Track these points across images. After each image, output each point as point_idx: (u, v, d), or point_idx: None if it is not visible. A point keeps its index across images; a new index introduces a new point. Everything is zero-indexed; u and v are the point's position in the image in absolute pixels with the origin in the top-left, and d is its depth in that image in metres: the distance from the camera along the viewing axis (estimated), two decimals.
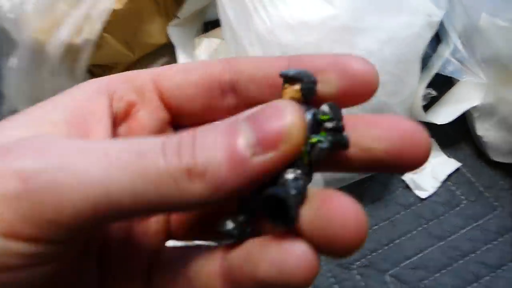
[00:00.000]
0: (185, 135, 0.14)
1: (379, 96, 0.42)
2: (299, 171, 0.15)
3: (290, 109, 0.14)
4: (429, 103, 0.50)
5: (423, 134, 0.15)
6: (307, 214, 0.14)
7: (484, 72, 0.45)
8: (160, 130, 0.19)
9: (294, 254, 0.14)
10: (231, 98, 0.18)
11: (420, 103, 0.47)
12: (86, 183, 0.13)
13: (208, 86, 0.18)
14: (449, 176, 0.47)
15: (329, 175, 0.46)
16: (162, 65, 0.48)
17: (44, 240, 0.13)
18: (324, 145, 0.15)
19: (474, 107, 0.47)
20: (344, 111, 0.16)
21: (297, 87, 0.16)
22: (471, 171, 0.47)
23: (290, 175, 0.14)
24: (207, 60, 0.20)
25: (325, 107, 0.16)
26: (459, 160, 0.48)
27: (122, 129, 0.18)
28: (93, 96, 0.17)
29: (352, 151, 0.16)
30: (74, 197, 0.13)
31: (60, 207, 0.13)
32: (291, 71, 0.16)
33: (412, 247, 0.44)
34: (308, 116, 0.15)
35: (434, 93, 0.51)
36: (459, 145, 0.49)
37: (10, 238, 0.13)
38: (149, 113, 0.18)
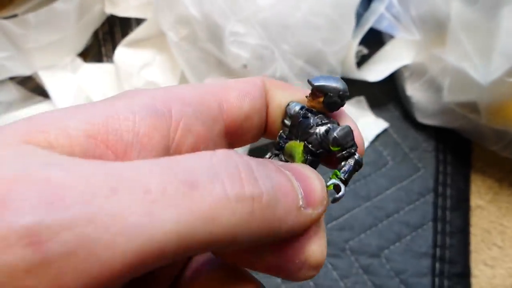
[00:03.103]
0: (240, 161, 0.13)
1: (315, 43, 0.39)
2: None
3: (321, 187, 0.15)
4: (359, 62, 0.48)
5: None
6: None
7: (418, 29, 0.44)
8: None
9: None
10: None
11: (353, 59, 0.45)
12: (124, 237, 0.10)
13: (263, 109, 0.17)
14: (377, 136, 0.46)
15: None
16: None
17: None
18: (341, 193, 0.16)
19: (405, 66, 0.45)
20: None
21: (320, 99, 0.16)
22: (397, 132, 0.47)
23: None
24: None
25: (337, 133, 0.16)
26: (386, 121, 0.47)
27: None
28: (146, 114, 0.14)
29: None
30: (109, 256, 0.10)
31: (92, 273, 0.10)
32: (317, 81, 0.16)
33: (339, 208, 0.42)
34: (322, 129, 0.16)
35: (365, 51, 0.49)
36: (387, 106, 0.48)
37: None
38: (210, 146, 0.16)
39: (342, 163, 0.16)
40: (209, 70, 0.39)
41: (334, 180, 0.16)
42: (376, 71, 0.45)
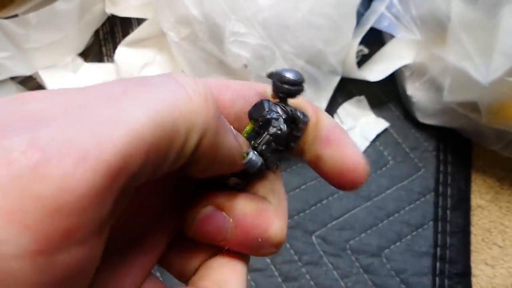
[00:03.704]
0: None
1: (316, 43, 0.39)
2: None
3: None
4: (360, 61, 0.48)
5: (366, 171, 0.17)
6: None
7: (419, 29, 0.44)
8: None
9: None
10: None
11: (354, 58, 0.45)
12: (106, 135, 0.11)
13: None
14: (378, 136, 0.46)
15: None
16: None
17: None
18: (246, 160, 0.16)
19: (406, 66, 0.45)
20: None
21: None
22: (397, 132, 0.47)
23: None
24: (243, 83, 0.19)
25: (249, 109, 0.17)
26: (386, 121, 0.47)
27: None
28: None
29: (306, 154, 0.18)
30: (100, 153, 0.11)
31: (93, 171, 0.11)
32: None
33: (339, 208, 0.42)
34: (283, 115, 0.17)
35: (366, 50, 0.49)
36: (387, 106, 0.48)
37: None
38: None
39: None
40: (210, 70, 0.39)
41: (247, 150, 0.17)
42: (376, 71, 0.45)
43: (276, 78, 0.17)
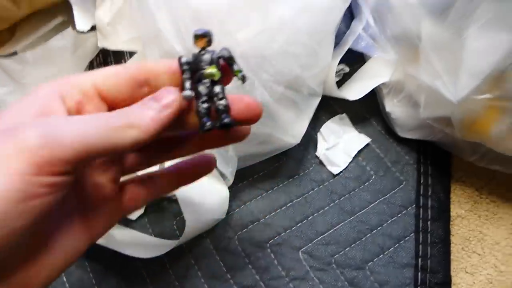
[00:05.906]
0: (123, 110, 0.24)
1: (294, 69, 0.41)
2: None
3: (174, 91, 0.25)
4: (342, 79, 0.51)
5: (259, 106, 0.28)
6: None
7: (394, 48, 0.46)
8: None
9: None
10: (146, 88, 0.27)
11: (333, 78, 0.47)
12: (79, 136, 0.21)
13: (130, 84, 0.26)
14: (360, 151, 0.48)
15: (243, 151, 0.44)
16: (55, 26, 0.49)
17: (58, 173, 0.20)
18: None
19: (383, 84, 0.47)
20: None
21: (205, 40, 0.26)
22: (379, 147, 0.49)
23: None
24: (126, 65, 0.27)
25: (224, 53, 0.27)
26: (369, 136, 0.49)
27: None
28: (51, 100, 0.23)
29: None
30: (74, 144, 0.20)
31: (66, 150, 0.20)
32: (200, 31, 0.26)
33: (324, 223, 0.44)
34: (214, 55, 0.27)
35: (347, 69, 0.51)
36: (369, 122, 0.50)
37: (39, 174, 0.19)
38: (93, 107, 0.25)
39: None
40: None
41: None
42: (355, 90, 0.47)
43: (210, 35, 0.26)
